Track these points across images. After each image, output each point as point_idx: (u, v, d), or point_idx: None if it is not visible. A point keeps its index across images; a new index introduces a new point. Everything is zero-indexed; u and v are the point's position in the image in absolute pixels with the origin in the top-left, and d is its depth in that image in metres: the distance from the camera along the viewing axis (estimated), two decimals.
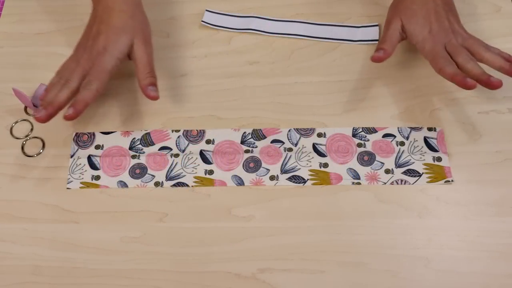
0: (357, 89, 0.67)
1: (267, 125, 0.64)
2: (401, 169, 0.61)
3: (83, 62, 0.61)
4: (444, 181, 0.60)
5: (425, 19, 0.63)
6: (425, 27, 0.63)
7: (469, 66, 0.59)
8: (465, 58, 0.60)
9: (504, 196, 0.59)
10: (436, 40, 0.62)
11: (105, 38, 0.61)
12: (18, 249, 0.58)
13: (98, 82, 0.60)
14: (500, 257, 0.56)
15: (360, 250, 0.57)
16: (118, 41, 0.61)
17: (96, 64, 0.60)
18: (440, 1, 0.64)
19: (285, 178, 0.61)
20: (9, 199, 0.61)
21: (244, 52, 0.70)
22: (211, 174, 0.62)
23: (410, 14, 0.64)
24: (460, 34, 0.63)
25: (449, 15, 0.64)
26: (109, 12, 0.62)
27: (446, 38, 0.62)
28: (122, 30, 0.62)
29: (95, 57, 0.61)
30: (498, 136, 0.62)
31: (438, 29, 0.62)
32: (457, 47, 0.61)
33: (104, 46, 0.61)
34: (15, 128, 0.66)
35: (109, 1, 0.63)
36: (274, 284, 0.56)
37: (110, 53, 0.61)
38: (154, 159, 0.63)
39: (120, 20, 0.62)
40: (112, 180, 0.62)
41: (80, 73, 0.60)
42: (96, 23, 0.63)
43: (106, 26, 0.62)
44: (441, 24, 0.63)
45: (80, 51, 0.62)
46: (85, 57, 0.61)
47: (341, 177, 0.61)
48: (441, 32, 0.62)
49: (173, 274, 0.57)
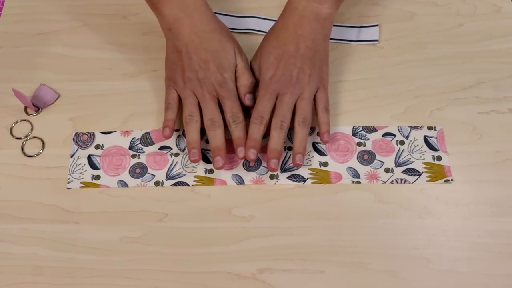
0: (357, 89, 0.67)
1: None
2: (401, 168, 0.61)
3: (209, 97, 0.60)
4: (444, 180, 0.60)
5: (276, 60, 0.60)
6: (271, 69, 0.60)
7: (273, 133, 0.58)
8: (276, 124, 0.58)
9: (504, 196, 0.59)
10: (271, 88, 0.59)
11: (217, 65, 0.60)
12: (18, 249, 0.58)
13: (241, 112, 0.60)
14: (500, 257, 0.56)
15: (360, 250, 0.57)
16: (228, 64, 0.60)
17: (224, 95, 0.60)
18: (305, 46, 0.60)
19: (285, 177, 0.61)
20: (9, 199, 0.61)
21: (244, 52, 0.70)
22: (211, 173, 0.62)
23: (267, 50, 0.61)
24: (301, 87, 0.59)
25: (305, 63, 0.60)
26: (202, 34, 0.60)
27: (282, 90, 0.59)
28: (224, 51, 0.61)
29: (219, 88, 0.60)
30: (498, 136, 0.62)
31: (279, 77, 0.59)
32: (281, 107, 0.59)
33: (220, 73, 0.60)
34: (15, 128, 0.66)
35: (194, 20, 0.60)
36: (274, 284, 0.56)
37: (229, 79, 0.60)
38: (154, 159, 0.63)
39: (217, 42, 0.60)
40: (112, 180, 0.62)
41: (216, 108, 0.60)
42: (194, 51, 0.60)
43: (209, 52, 0.60)
44: (285, 73, 0.59)
45: (194, 84, 0.60)
46: (206, 90, 0.60)
47: (341, 176, 0.61)
48: (280, 83, 0.59)
49: (173, 274, 0.57)
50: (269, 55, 0.61)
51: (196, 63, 0.60)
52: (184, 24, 0.60)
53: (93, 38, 0.68)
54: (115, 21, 0.73)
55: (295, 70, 0.59)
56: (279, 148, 0.58)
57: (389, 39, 0.70)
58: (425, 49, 0.69)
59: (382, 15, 0.72)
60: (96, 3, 0.75)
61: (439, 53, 0.68)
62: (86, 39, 0.71)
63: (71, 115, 0.66)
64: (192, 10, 0.61)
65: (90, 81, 0.67)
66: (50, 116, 0.66)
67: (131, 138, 0.64)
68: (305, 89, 0.60)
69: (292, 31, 0.60)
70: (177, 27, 0.60)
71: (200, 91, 0.60)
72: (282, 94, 0.59)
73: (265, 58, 0.61)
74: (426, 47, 0.69)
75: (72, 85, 0.68)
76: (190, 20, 0.60)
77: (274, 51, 0.61)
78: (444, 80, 0.66)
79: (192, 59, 0.60)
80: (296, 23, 0.60)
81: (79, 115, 0.65)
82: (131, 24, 0.73)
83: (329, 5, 0.60)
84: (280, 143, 0.58)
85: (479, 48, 0.68)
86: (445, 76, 0.67)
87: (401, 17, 0.71)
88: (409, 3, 0.73)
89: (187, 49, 0.60)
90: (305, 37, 0.60)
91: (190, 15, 0.60)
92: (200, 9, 0.61)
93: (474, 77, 0.66)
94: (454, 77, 0.66)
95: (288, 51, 0.60)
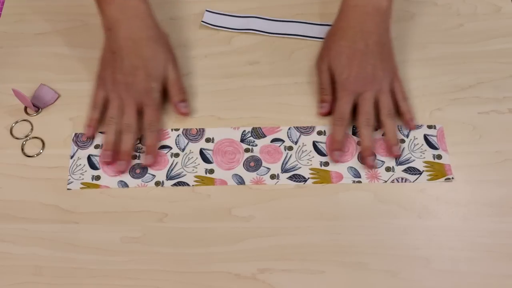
0: None
1: (267, 125, 0.64)
2: (402, 167, 0.61)
3: (132, 102, 0.61)
4: (444, 178, 0.60)
5: (349, 60, 0.61)
6: (346, 69, 0.61)
7: (362, 132, 0.60)
8: (363, 122, 0.60)
9: (504, 196, 0.59)
10: (350, 89, 0.60)
11: (146, 74, 0.61)
12: (18, 249, 0.58)
13: (158, 122, 0.62)
14: (500, 257, 0.56)
15: (360, 250, 0.57)
16: (157, 74, 0.62)
17: (147, 103, 0.61)
18: (373, 41, 0.61)
19: (285, 177, 0.61)
20: (9, 199, 0.61)
21: (244, 52, 0.70)
22: (211, 173, 0.62)
23: (337, 52, 0.62)
24: (378, 83, 0.61)
25: (376, 59, 0.61)
26: (138, 40, 0.61)
27: (361, 89, 0.60)
28: (156, 60, 0.62)
29: (143, 96, 0.61)
30: (498, 136, 0.62)
31: (356, 77, 0.60)
32: (364, 105, 0.60)
33: (148, 82, 0.61)
34: (15, 128, 0.66)
35: (132, 26, 0.61)
36: (274, 284, 0.56)
37: (156, 89, 0.62)
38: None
39: (151, 50, 0.62)
40: (112, 180, 0.62)
41: (135, 115, 0.61)
42: (127, 57, 0.61)
43: (141, 59, 0.61)
44: (361, 72, 0.60)
45: (121, 88, 0.61)
46: (131, 95, 0.61)
47: (342, 175, 0.61)
48: (358, 83, 0.60)
49: (173, 274, 0.57)
50: (341, 55, 0.61)
51: (126, 68, 0.61)
52: (122, 27, 0.61)
53: (93, 38, 0.68)
54: None
55: (369, 67, 0.60)
56: (371, 144, 0.60)
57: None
58: (425, 49, 0.69)
59: None
60: None
61: (439, 53, 0.68)
62: (86, 39, 0.71)
63: (71, 115, 0.66)
64: (133, 15, 0.61)
65: (90, 81, 0.67)
66: (50, 116, 0.66)
67: None
68: (382, 84, 0.61)
69: (358, 29, 0.61)
70: (116, 29, 0.61)
71: (126, 95, 0.61)
72: (362, 92, 0.60)
73: (337, 59, 0.62)
74: (426, 47, 0.69)
75: (72, 85, 0.68)
76: (128, 24, 0.61)
77: (345, 51, 0.61)
78: (444, 80, 0.66)
79: (124, 63, 0.61)
80: (359, 20, 0.61)
81: (79, 115, 0.65)
82: None
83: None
84: (371, 140, 0.60)
85: (479, 48, 0.68)
86: (445, 76, 0.67)
87: (401, 17, 0.71)
88: (409, 3, 0.73)
89: (121, 52, 0.61)
90: (371, 33, 0.61)
91: (129, 19, 0.61)
92: (141, 15, 0.62)
93: (474, 77, 0.66)
94: (454, 77, 0.66)
95: (359, 49, 0.60)
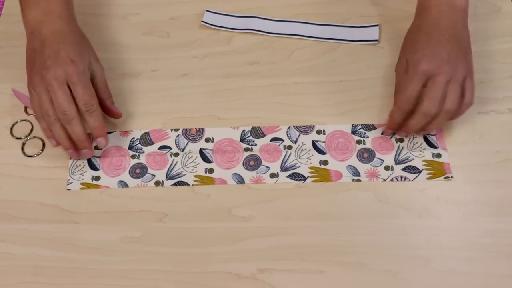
0: (357, 89, 0.67)
1: (266, 125, 0.64)
2: (401, 165, 0.61)
3: (57, 85, 0.56)
4: (443, 177, 0.60)
5: (423, 44, 0.59)
6: (419, 51, 0.58)
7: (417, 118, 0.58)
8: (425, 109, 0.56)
9: (504, 196, 0.59)
10: (422, 68, 0.57)
11: (68, 53, 0.57)
12: (18, 249, 0.58)
13: (93, 99, 0.57)
14: (500, 257, 0.56)
15: (360, 250, 0.57)
16: (81, 54, 0.59)
17: (74, 80, 0.56)
18: (448, 33, 0.59)
19: (285, 176, 0.61)
20: (9, 199, 0.61)
21: (244, 52, 0.70)
22: (211, 173, 0.62)
23: (410, 43, 0.61)
24: (453, 68, 0.57)
25: (452, 48, 0.58)
26: (60, 33, 0.59)
27: (434, 70, 0.56)
28: (80, 46, 0.60)
29: (68, 73, 0.56)
30: (498, 136, 0.62)
31: (430, 56, 0.57)
32: (433, 89, 0.56)
33: (71, 59, 0.57)
34: (15, 128, 0.66)
35: (55, 24, 0.60)
36: (274, 284, 0.56)
37: (80, 63, 0.58)
38: (154, 159, 0.63)
39: (75, 38, 0.60)
40: (112, 180, 0.62)
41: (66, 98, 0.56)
42: (48, 45, 0.58)
43: (64, 44, 0.58)
44: (436, 54, 0.57)
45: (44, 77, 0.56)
46: (54, 78, 0.56)
47: (341, 174, 0.61)
48: (432, 62, 0.57)
49: (173, 274, 0.57)
50: (414, 43, 0.60)
51: (47, 55, 0.57)
52: (45, 26, 0.60)
53: (93, 38, 0.68)
54: (115, 21, 0.73)
55: (445, 52, 0.57)
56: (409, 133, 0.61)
57: (389, 39, 0.70)
58: None
59: (382, 15, 0.72)
60: (96, 3, 0.75)
61: None
62: None
63: None
64: (56, 16, 0.61)
65: None
66: None
67: (130, 138, 0.64)
68: (457, 71, 0.57)
69: (433, 25, 0.60)
70: (39, 29, 0.60)
71: (50, 81, 0.56)
72: (434, 75, 0.56)
73: (409, 48, 0.60)
74: None
75: None
76: (51, 23, 0.60)
77: (419, 39, 0.60)
78: None
79: (44, 53, 0.57)
80: (435, 17, 0.61)
81: None
82: (131, 24, 0.73)
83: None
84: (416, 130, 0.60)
85: (479, 48, 0.68)
86: None
87: (401, 17, 0.71)
88: (409, 3, 0.72)
89: (42, 45, 0.58)
90: (447, 27, 0.60)
91: (52, 20, 0.60)
92: (64, 17, 0.61)
93: (474, 77, 0.66)
94: None
95: (434, 37, 0.59)
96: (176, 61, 0.70)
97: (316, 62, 0.69)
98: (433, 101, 0.56)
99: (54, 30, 0.59)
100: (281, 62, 0.69)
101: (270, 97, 0.66)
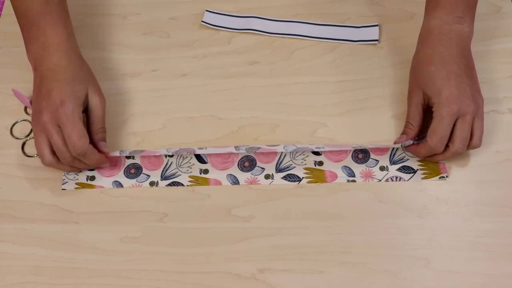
0: (357, 89, 0.67)
1: (266, 125, 0.64)
2: (396, 166, 0.61)
3: (51, 125, 0.57)
4: (438, 177, 0.60)
5: (444, 81, 0.58)
6: (444, 89, 0.57)
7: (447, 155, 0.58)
8: (457, 148, 0.57)
9: (503, 196, 0.59)
10: (453, 109, 0.56)
11: (59, 92, 0.58)
12: (18, 249, 0.58)
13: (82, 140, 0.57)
14: (500, 257, 0.56)
15: (360, 250, 0.57)
16: (74, 91, 0.58)
17: (63, 121, 0.57)
18: (463, 64, 0.59)
19: (280, 177, 0.61)
20: (9, 199, 0.61)
21: (244, 52, 0.70)
22: (206, 174, 0.62)
23: (428, 77, 0.59)
24: (476, 105, 0.58)
25: (471, 82, 0.58)
26: (56, 68, 0.59)
27: (463, 110, 0.57)
28: (75, 81, 0.59)
29: (57, 114, 0.57)
30: (498, 136, 0.62)
31: (457, 96, 0.57)
32: (463, 129, 0.57)
33: (61, 99, 0.57)
34: (15, 128, 0.66)
35: (53, 58, 0.60)
36: (274, 284, 0.56)
37: (70, 102, 0.58)
38: (149, 159, 0.63)
39: (70, 73, 0.60)
40: (107, 181, 0.62)
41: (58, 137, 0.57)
42: (44, 83, 0.59)
43: (57, 82, 0.58)
44: (462, 91, 0.57)
45: (40, 117, 0.58)
46: (47, 117, 0.57)
47: (336, 175, 0.61)
48: (460, 101, 0.57)
49: (173, 274, 0.57)
50: (434, 79, 0.58)
51: (42, 95, 0.58)
52: (44, 62, 0.60)
53: (93, 38, 0.68)
54: (115, 21, 0.73)
55: (468, 88, 0.58)
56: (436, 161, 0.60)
57: (389, 39, 0.70)
58: None
59: (382, 15, 0.72)
60: (96, 3, 0.75)
61: None
62: (86, 39, 0.71)
63: None
64: (53, 50, 0.60)
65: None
66: None
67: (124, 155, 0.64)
68: (479, 106, 0.58)
69: (446, 54, 0.59)
70: (39, 65, 0.60)
71: (42, 123, 0.57)
72: (463, 114, 0.57)
73: (429, 84, 0.59)
74: None
75: None
76: (49, 58, 0.60)
77: (438, 73, 0.58)
78: None
79: (41, 92, 0.59)
80: (446, 46, 0.59)
81: None
82: (131, 24, 0.73)
83: (467, 23, 0.61)
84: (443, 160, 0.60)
85: (479, 48, 0.68)
86: None
87: (401, 17, 0.71)
88: (409, 3, 0.73)
89: (40, 82, 0.60)
90: (459, 57, 0.59)
91: (50, 54, 0.60)
92: (62, 49, 0.61)
93: None
94: None
95: (452, 70, 0.58)
96: (176, 61, 0.70)
97: (316, 62, 0.69)
98: (465, 141, 0.58)
99: (51, 66, 0.60)
100: (281, 62, 0.69)
101: (270, 97, 0.66)
